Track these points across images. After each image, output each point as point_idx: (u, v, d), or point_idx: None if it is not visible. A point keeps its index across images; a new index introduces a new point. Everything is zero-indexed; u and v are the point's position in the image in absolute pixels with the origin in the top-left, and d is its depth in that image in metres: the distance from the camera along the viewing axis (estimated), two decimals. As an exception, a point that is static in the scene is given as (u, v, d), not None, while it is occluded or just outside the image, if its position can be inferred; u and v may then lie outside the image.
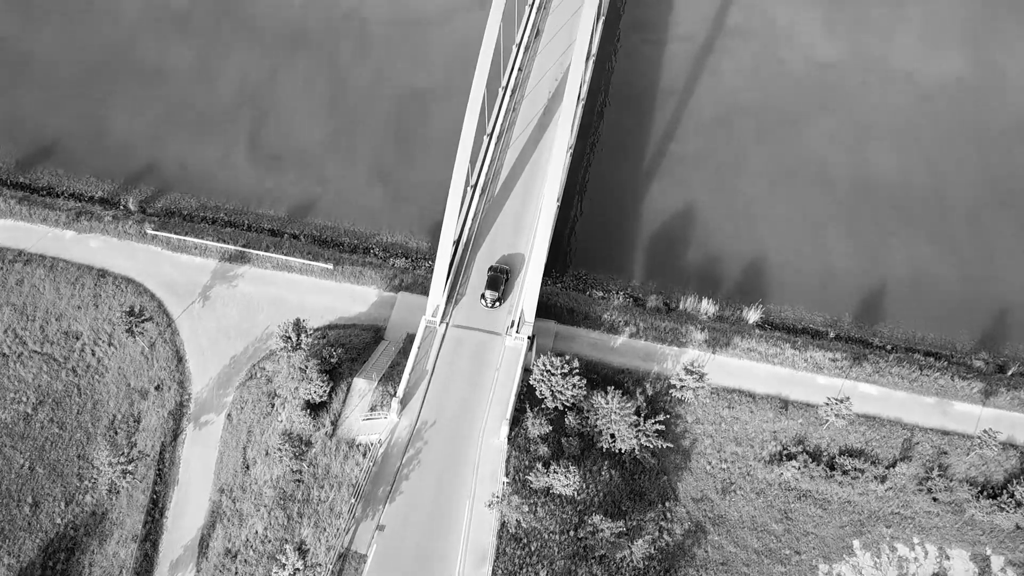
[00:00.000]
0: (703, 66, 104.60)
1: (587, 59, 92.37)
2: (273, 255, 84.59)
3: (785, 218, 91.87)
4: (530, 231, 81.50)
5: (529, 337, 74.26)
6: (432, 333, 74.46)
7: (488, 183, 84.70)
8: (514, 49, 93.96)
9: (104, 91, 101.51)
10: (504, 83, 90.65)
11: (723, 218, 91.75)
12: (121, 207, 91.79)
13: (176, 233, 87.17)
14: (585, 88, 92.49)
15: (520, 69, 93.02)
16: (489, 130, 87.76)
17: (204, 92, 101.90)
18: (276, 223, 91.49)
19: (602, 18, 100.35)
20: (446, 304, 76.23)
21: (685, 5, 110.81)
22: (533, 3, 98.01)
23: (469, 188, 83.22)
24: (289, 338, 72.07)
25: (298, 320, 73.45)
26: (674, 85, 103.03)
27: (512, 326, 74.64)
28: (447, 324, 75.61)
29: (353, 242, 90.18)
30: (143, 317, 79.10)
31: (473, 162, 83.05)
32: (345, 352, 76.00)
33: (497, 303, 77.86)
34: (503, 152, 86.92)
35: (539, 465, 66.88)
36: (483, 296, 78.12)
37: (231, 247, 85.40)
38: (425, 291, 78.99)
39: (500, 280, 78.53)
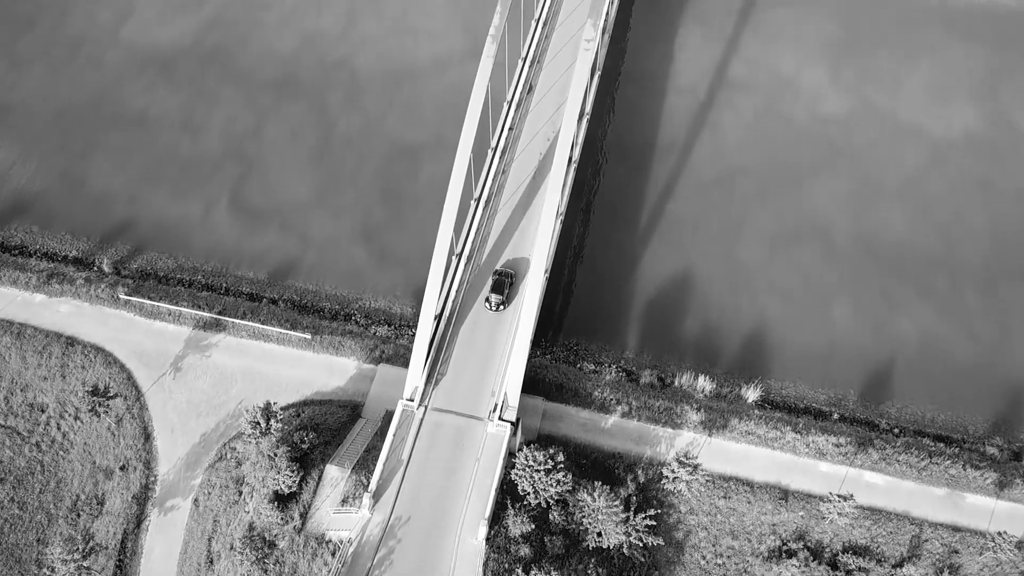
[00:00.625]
0: (703, 121, 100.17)
1: (580, 119, 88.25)
2: (249, 323, 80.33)
3: (787, 288, 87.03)
4: (517, 304, 77.11)
5: (512, 423, 69.69)
6: (409, 418, 69.93)
7: (474, 251, 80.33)
8: (505, 107, 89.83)
9: (85, 142, 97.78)
10: (493, 144, 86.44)
11: (722, 287, 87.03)
12: (95, 268, 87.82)
13: (150, 298, 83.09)
14: (578, 150, 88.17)
15: (511, 128, 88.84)
16: (477, 194, 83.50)
17: (187, 144, 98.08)
18: (255, 286, 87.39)
19: (598, 72, 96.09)
20: (425, 385, 71.77)
21: (686, 56, 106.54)
22: (526, 58, 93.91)
23: (454, 257, 78.98)
24: (258, 423, 67.74)
25: (267, 404, 69.03)
26: (673, 141, 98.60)
27: (495, 410, 70.09)
28: (426, 407, 71.11)
29: (334, 307, 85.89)
30: (108, 395, 75.01)
31: (458, 230, 78.83)
32: (319, 436, 71.45)
33: (501, 307, 77.13)
34: (491, 218, 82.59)
35: (519, 570, 62.11)
36: (487, 300, 77.58)
37: (206, 314, 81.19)
38: (406, 363, 74.44)
39: (504, 284, 78.05)
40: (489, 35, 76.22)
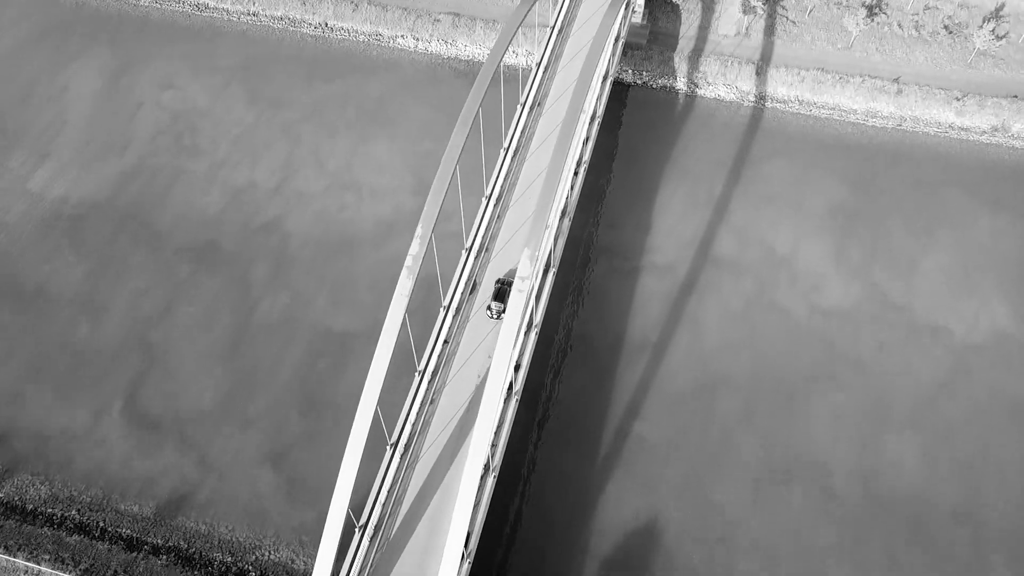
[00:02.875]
0: (683, 311, 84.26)
1: (527, 331, 72.80)
2: (117, 592, 65.44)
3: (773, 548, 70.03)
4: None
5: None
6: None
7: (384, 519, 64.81)
8: (441, 314, 74.22)
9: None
10: (422, 367, 71.07)
11: (694, 543, 70.57)
12: (-49, 499, 73.62)
13: (6, 547, 68.44)
14: (522, 374, 71.85)
15: (446, 341, 73.50)
16: (393, 439, 68.01)
17: (86, 328, 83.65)
18: (138, 526, 72.09)
19: (553, 268, 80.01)
20: None
21: (666, 224, 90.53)
22: (470, 250, 78.25)
23: (357, 529, 63.48)
24: None
25: None
26: (646, 338, 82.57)
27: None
28: None
29: (226, 560, 70.32)
30: None
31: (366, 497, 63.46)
32: None
33: (503, 315, 72.63)
34: (409, 468, 67.10)
35: None
36: (489, 307, 74.09)
37: (65, 577, 66.43)
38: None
39: (507, 292, 73.97)
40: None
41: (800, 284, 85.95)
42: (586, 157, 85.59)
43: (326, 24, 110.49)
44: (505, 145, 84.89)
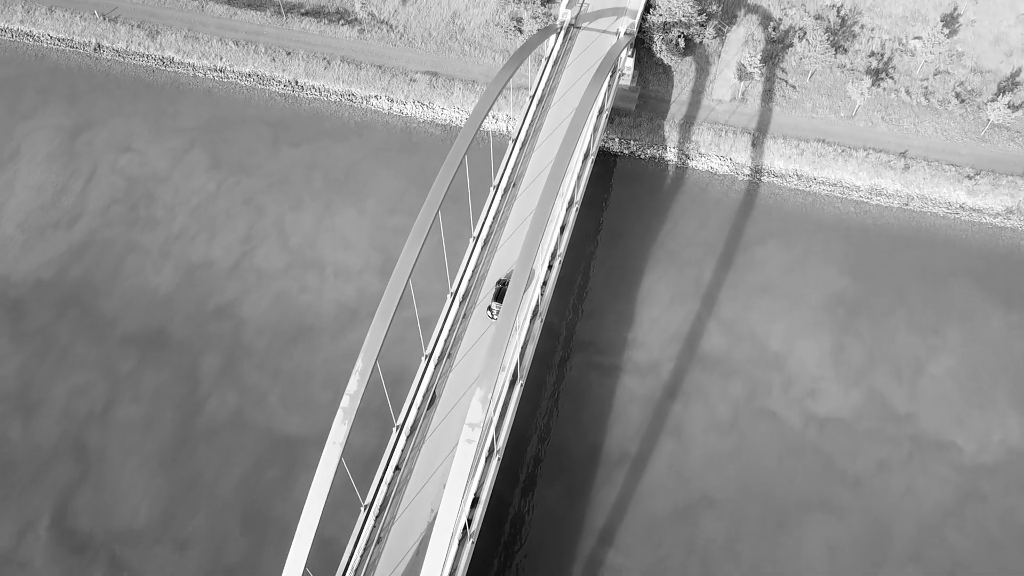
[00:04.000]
0: (665, 420, 76.33)
1: (488, 457, 65.10)
2: None
3: None
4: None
5: None
6: None
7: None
8: (393, 434, 66.41)
9: None
10: (368, 500, 63.41)
11: None
12: None
13: None
14: (481, 510, 63.22)
15: (398, 467, 65.84)
16: (346, 560, 60.66)
17: (17, 429, 76.05)
18: (57, 666, 65.38)
19: (521, 381, 72.28)
20: None
21: (651, 318, 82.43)
22: (429, 357, 70.59)
23: None
24: None
25: None
26: (624, 451, 74.48)
27: None
28: None
29: None
30: None
31: None
32: None
33: None
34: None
35: None
36: (489, 308, 72.50)
37: None
38: None
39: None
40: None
41: (794, 389, 77.88)
42: (562, 249, 77.78)
43: (296, 82, 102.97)
44: (475, 234, 77.35)
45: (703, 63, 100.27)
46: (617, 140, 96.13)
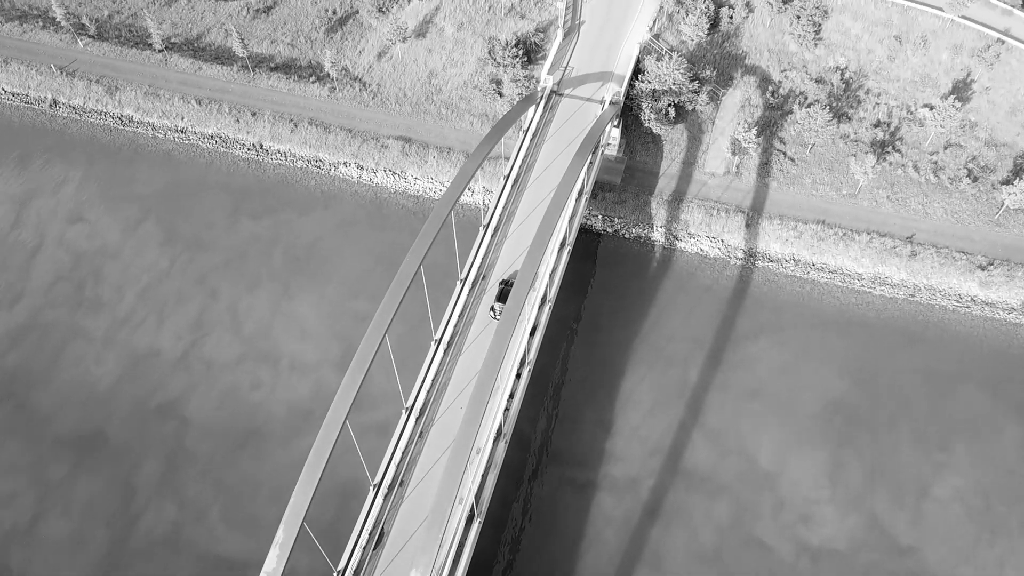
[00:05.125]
0: (643, 545, 68.49)
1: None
2: None
3: None
4: None
5: None
6: None
7: None
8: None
9: None
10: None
11: None
12: None
13: None
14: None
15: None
16: None
17: (-65, 544, 70.07)
18: None
19: (478, 518, 64.80)
20: None
21: (631, 425, 74.50)
22: (377, 487, 62.70)
23: None
24: None
25: None
26: (596, 581, 67.52)
27: None
28: None
29: None
30: None
31: None
32: None
33: None
34: None
35: None
36: (492, 308, 71.42)
37: None
38: None
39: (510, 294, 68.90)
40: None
41: (786, 513, 70.15)
42: (532, 355, 70.27)
43: (261, 145, 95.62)
44: (436, 336, 69.99)
45: (695, 131, 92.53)
46: (600, 217, 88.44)
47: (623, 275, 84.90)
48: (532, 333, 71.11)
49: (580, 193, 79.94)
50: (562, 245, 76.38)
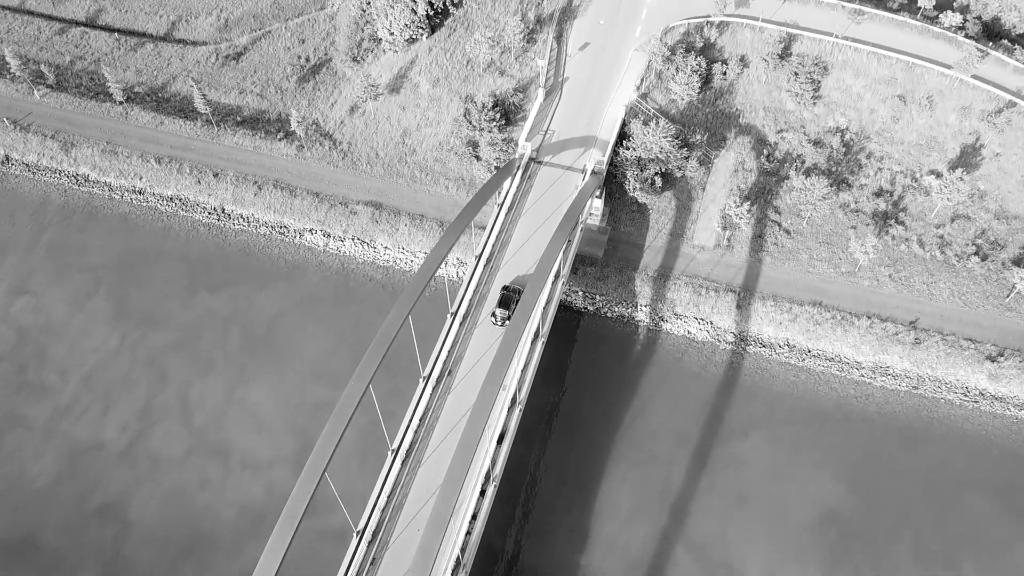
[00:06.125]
0: None
1: None
2: None
3: None
4: None
5: None
6: None
7: None
8: None
9: None
10: None
11: None
12: None
13: None
14: None
15: None
16: None
17: None
18: None
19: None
20: None
21: (608, 536, 67.70)
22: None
23: None
24: None
25: None
26: None
27: None
28: None
29: None
30: None
31: None
32: None
33: (507, 322, 70.31)
34: None
35: None
36: (493, 315, 71.19)
37: None
38: None
39: (513, 299, 71.78)
40: None
41: (776, 643, 64.12)
42: (498, 470, 63.68)
43: (223, 209, 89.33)
44: (393, 446, 63.65)
45: (684, 199, 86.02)
46: (581, 293, 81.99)
47: (604, 360, 78.39)
48: (500, 440, 64.90)
49: (557, 275, 73.74)
50: (536, 336, 70.25)
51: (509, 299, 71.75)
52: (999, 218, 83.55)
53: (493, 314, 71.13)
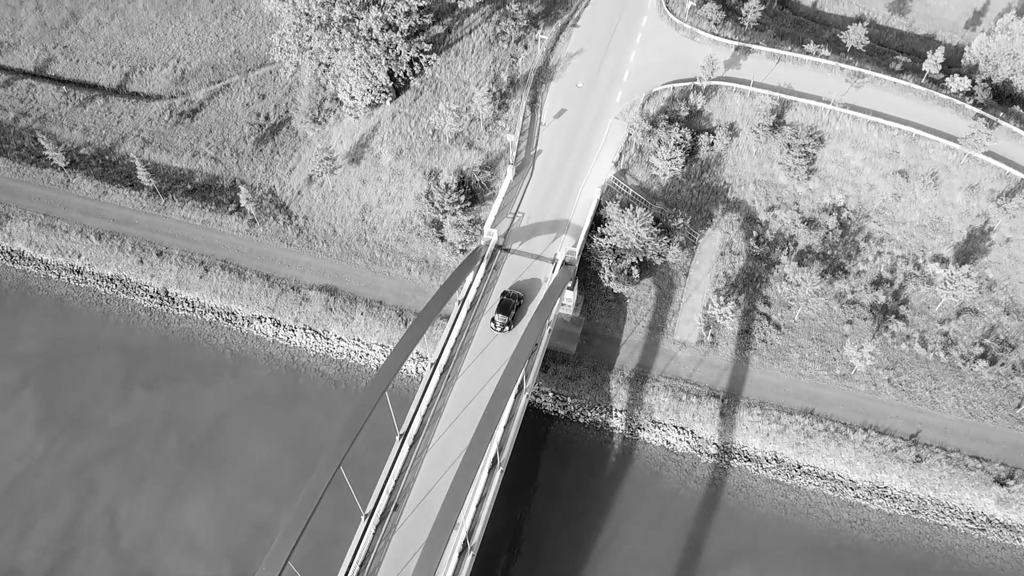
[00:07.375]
0: None
1: None
2: None
3: None
4: None
5: None
6: None
7: None
8: None
9: None
10: None
11: None
12: None
13: None
14: None
15: None
16: None
17: None
18: None
19: None
20: None
21: None
22: None
23: None
24: None
25: None
26: None
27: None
28: None
29: None
30: None
31: None
32: None
33: (507, 327, 68.71)
34: None
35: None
36: (493, 320, 69.31)
37: None
38: None
39: (512, 304, 69.86)
40: None
41: None
42: (445, 627, 56.70)
43: (166, 292, 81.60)
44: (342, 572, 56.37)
45: (665, 286, 78.29)
46: (551, 395, 74.40)
47: (575, 473, 70.65)
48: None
49: (521, 388, 66.16)
50: (494, 465, 62.70)
51: (508, 304, 70.08)
52: (1009, 312, 75.68)
53: (492, 320, 69.57)
